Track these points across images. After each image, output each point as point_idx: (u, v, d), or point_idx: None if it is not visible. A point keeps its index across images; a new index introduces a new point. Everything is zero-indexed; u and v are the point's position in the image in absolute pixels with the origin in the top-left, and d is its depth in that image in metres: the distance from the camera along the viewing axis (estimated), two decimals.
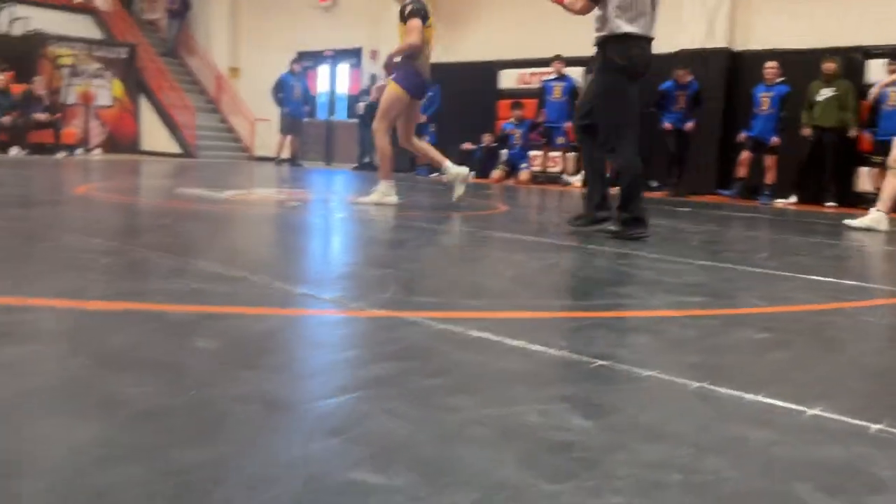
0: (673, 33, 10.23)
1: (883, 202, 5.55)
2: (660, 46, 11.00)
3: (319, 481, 1.01)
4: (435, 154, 5.81)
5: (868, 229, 5.41)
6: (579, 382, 1.51)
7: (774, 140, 8.98)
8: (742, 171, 9.25)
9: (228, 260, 2.98)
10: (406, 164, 13.19)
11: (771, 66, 9.03)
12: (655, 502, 1.00)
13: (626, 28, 3.97)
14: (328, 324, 1.98)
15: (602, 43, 4.07)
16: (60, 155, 12.13)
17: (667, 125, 9.56)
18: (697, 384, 1.51)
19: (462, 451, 1.14)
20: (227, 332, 1.78)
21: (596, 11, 4.03)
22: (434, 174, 12.43)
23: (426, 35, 5.34)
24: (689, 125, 9.54)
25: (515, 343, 1.76)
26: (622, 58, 4.00)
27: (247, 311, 2.00)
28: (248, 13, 16.22)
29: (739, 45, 10.06)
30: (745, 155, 9.17)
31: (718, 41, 10.03)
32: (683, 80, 9.53)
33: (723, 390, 1.48)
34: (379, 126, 5.40)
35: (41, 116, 12.15)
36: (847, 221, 5.68)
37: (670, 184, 9.64)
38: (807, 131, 8.70)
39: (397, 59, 5.29)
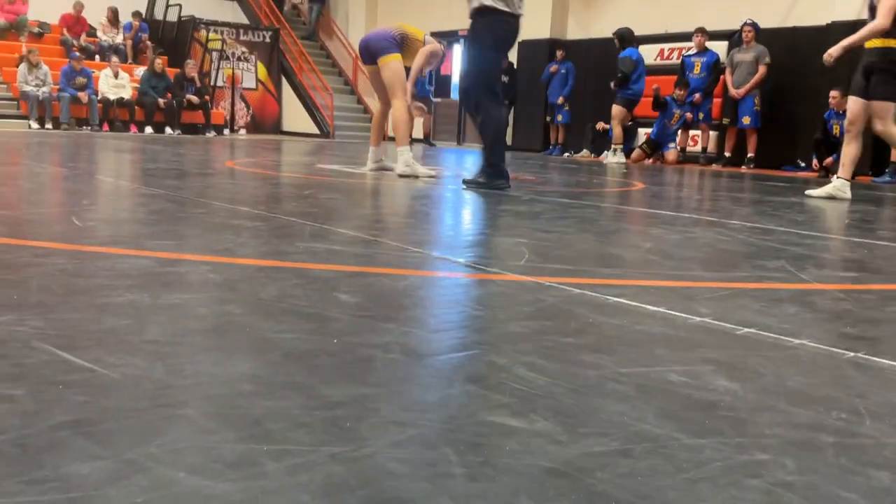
0: (825, 3, 9.63)
1: (844, 168, 5.39)
2: (810, 18, 10.38)
3: (460, 422, 1.03)
4: (376, 131, 6.13)
5: (830, 197, 5.29)
6: (724, 347, 1.46)
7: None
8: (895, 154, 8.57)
9: (366, 227, 3.07)
10: (538, 143, 13.13)
11: None
12: (807, 462, 0.95)
13: (493, 3, 4.48)
14: (464, 285, 2.01)
15: (474, 15, 4.60)
16: (210, 134, 12.83)
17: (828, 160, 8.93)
18: (853, 354, 1.43)
19: (600, 403, 1.13)
20: (367, 289, 1.83)
21: None
22: (567, 153, 12.29)
23: None
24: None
25: (655, 309, 1.73)
26: (490, 32, 4.56)
27: (385, 271, 2.05)
28: None
29: None
30: None
31: None
32: (840, 108, 8.74)
33: (882, 360, 1.39)
34: None
35: (192, 98, 12.87)
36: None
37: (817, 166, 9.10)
38: None
39: None
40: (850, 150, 5.36)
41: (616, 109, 9.98)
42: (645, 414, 1.09)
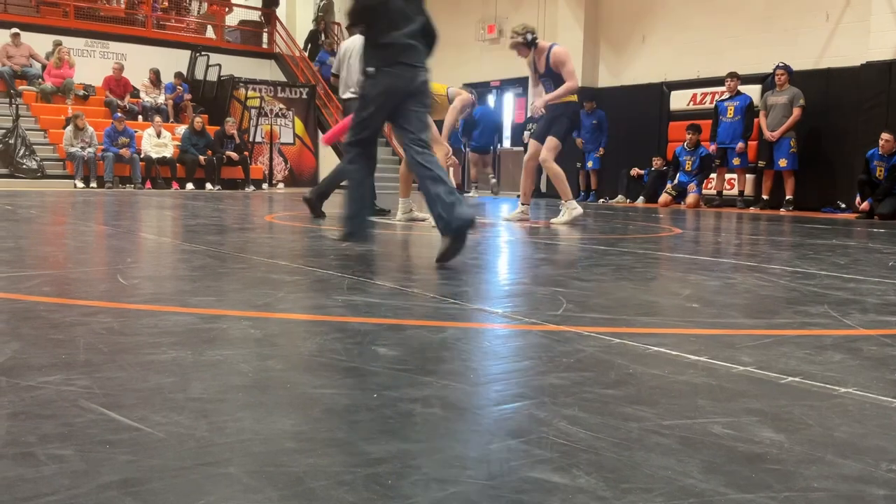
0: (859, 44, 9.60)
1: (564, 194, 6.33)
2: (844, 60, 10.34)
3: (501, 478, 1.03)
4: (404, 182, 6.76)
5: (572, 222, 6.19)
6: (768, 398, 1.44)
7: None
8: None
9: (403, 278, 3.09)
10: (573, 190, 13.13)
11: None
12: None
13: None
14: (502, 336, 2.01)
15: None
16: (249, 189, 13.07)
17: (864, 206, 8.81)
18: None
19: (643, 457, 1.11)
20: (405, 342, 1.84)
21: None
22: (602, 199, 12.27)
23: None
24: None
25: (696, 358, 1.71)
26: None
27: (423, 323, 2.06)
28: None
29: None
30: None
31: None
32: (886, 151, 8.62)
33: None
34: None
35: (232, 154, 13.15)
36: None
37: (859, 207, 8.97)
38: None
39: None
40: (555, 181, 6.40)
41: (471, 156, 13.24)
42: (689, 468, 1.08)
